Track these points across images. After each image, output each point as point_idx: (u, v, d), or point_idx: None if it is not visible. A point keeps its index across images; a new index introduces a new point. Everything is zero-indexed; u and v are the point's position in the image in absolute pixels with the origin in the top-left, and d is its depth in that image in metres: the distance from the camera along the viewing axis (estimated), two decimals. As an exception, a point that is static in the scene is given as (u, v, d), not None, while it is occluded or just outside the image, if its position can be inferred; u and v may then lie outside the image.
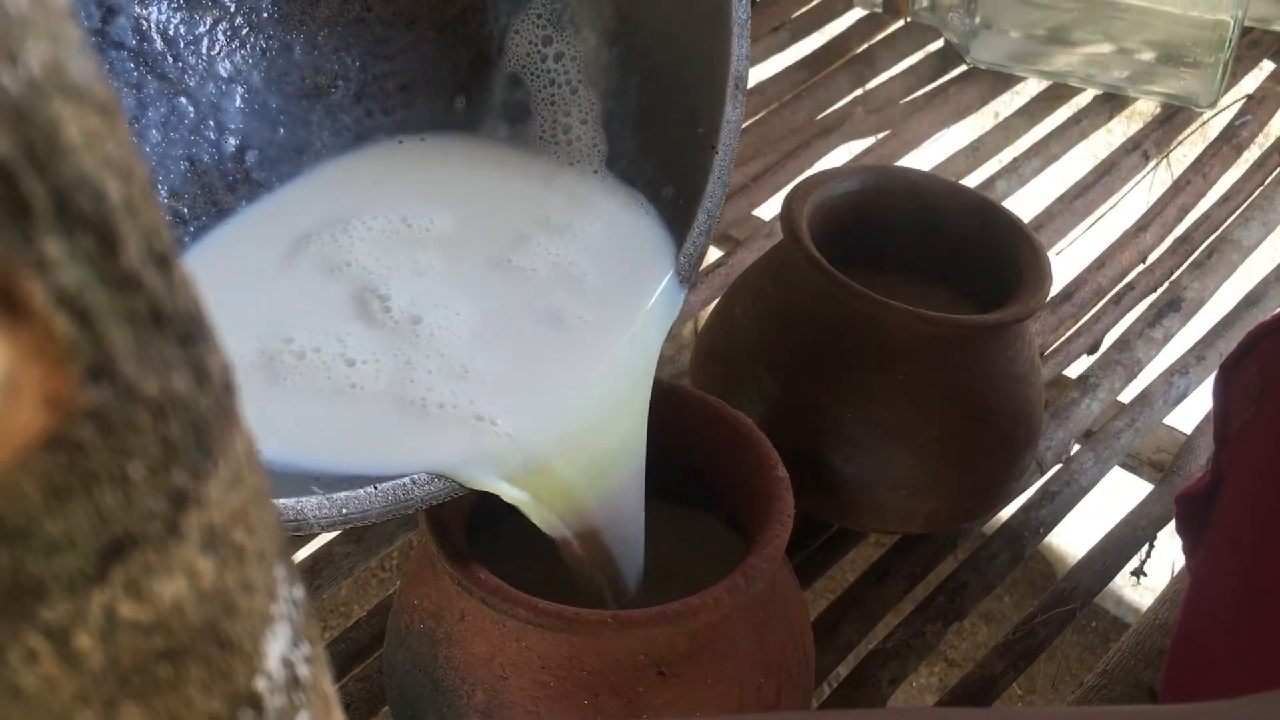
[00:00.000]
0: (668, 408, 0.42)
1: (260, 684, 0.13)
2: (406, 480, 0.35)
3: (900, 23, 0.82)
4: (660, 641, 0.37)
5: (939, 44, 0.81)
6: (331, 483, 0.33)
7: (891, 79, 0.79)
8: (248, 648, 0.12)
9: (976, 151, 0.75)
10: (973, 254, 0.52)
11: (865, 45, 0.82)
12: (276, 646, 0.13)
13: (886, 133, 0.75)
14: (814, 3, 0.86)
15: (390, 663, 0.41)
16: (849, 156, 0.74)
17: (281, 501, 0.32)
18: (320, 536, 0.51)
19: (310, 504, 0.32)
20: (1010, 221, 0.51)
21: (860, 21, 0.83)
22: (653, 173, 0.43)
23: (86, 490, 0.10)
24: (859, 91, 0.79)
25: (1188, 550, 0.45)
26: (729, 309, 0.53)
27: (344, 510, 0.33)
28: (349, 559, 0.50)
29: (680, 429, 0.43)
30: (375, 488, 0.34)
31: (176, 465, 0.11)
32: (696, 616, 0.36)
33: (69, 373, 0.09)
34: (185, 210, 0.41)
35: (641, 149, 0.43)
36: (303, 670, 0.14)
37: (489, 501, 0.41)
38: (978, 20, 0.77)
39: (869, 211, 0.52)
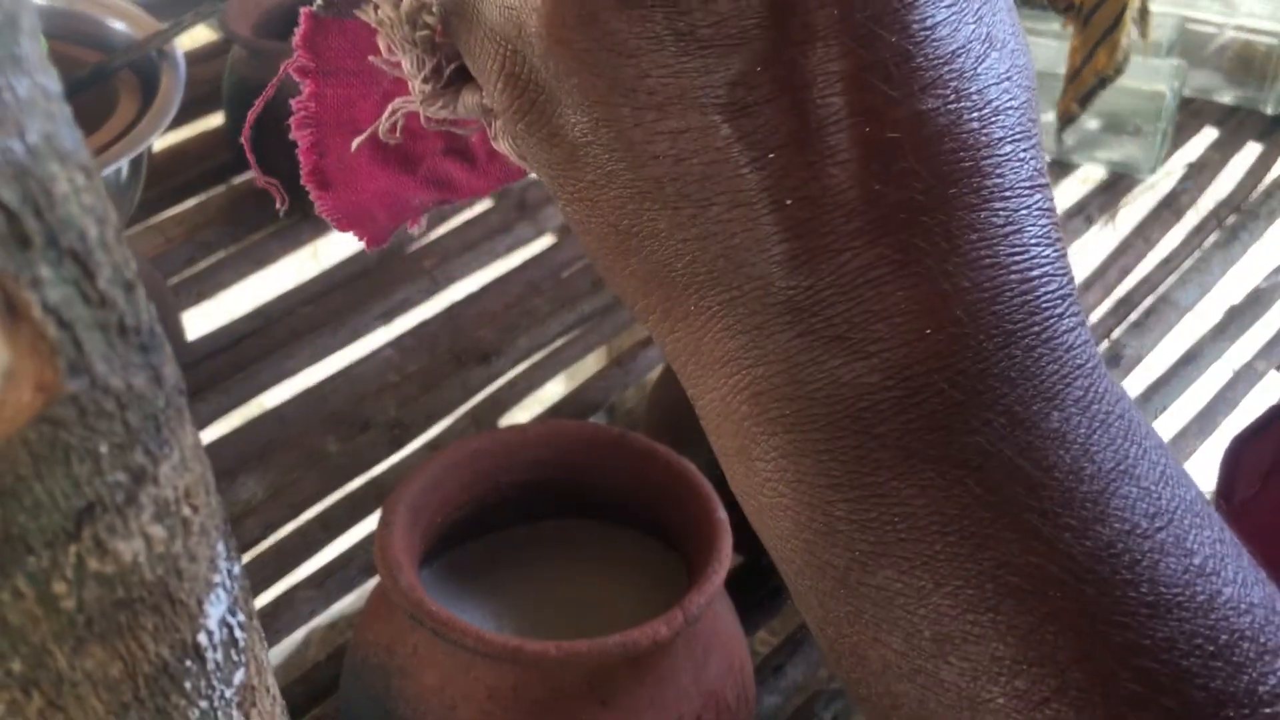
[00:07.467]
0: (620, 454, 0.45)
1: (202, 638, 0.15)
2: None
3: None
4: (602, 672, 0.39)
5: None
6: None
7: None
8: (192, 606, 0.15)
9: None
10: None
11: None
12: (217, 609, 0.16)
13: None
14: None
15: (346, 697, 0.44)
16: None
17: None
18: (282, 581, 0.53)
19: None
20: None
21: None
22: None
23: (65, 461, 0.13)
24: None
25: None
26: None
27: None
28: (310, 603, 0.52)
29: (632, 475, 0.46)
30: None
31: (136, 447, 0.14)
32: (637, 648, 0.38)
33: (55, 366, 0.12)
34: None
35: None
36: (240, 634, 0.16)
37: (443, 537, 0.44)
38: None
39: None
